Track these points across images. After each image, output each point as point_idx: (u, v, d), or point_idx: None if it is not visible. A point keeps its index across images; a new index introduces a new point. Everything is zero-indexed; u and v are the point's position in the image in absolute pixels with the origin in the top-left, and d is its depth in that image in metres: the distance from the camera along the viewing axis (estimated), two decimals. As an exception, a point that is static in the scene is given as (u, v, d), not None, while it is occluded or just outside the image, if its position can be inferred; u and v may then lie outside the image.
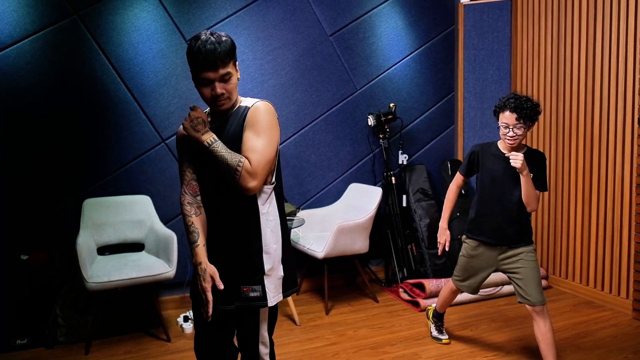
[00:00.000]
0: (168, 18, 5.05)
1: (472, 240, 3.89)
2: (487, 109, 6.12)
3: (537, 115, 3.53)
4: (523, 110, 3.46)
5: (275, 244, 2.53)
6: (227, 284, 2.46)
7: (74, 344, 4.42)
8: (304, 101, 5.65)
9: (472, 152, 3.89)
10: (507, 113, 3.51)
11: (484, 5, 6.07)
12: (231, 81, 2.42)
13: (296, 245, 5.26)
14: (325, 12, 5.67)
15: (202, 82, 2.40)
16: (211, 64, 2.33)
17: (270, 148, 2.43)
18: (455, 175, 4.03)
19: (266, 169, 2.42)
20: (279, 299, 2.56)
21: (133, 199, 4.93)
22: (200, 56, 2.33)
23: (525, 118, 3.47)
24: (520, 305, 5.19)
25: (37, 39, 4.63)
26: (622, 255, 4.92)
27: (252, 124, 2.42)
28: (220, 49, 2.33)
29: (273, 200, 2.56)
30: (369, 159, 6.01)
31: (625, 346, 4.27)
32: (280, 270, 2.56)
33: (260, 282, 2.48)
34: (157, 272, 4.32)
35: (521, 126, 3.49)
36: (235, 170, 2.35)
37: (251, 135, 2.41)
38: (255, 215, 2.48)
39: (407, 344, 4.38)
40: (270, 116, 2.46)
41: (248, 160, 2.37)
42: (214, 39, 2.35)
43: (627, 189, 4.84)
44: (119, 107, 4.93)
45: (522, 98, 3.51)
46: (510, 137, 3.53)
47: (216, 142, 2.40)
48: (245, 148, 2.41)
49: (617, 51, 4.88)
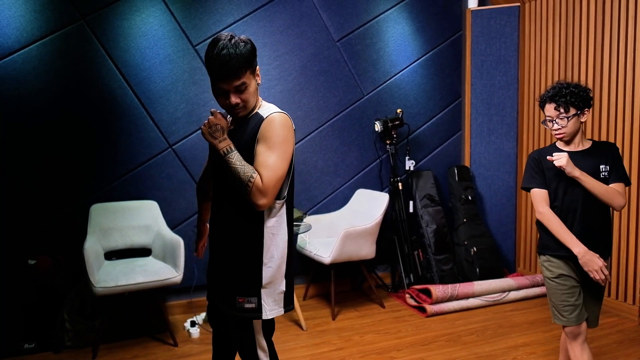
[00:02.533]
0: (175, 23, 5.06)
1: None
2: (495, 114, 6.11)
3: (581, 101, 3.07)
4: (561, 98, 3.07)
5: (279, 259, 2.50)
6: (225, 293, 2.49)
7: (81, 349, 4.43)
8: (310, 107, 5.66)
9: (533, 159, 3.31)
10: (547, 105, 3.14)
11: (491, 11, 6.06)
12: (247, 91, 2.38)
13: (303, 250, 5.26)
14: (332, 17, 5.68)
15: (217, 91, 2.38)
16: (225, 75, 2.29)
17: (283, 164, 2.38)
18: (534, 195, 3.25)
19: (277, 186, 2.37)
20: (278, 313, 2.52)
21: (140, 204, 4.94)
22: (215, 68, 2.30)
23: (566, 105, 3.07)
24: (526, 311, 5.20)
25: (44, 44, 4.64)
26: (628, 261, 4.90)
27: (266, 138, 2.37)
28: (235, 60, 2.28)
29: (282, 214, 2.52)
30: (376, 165, 6.01)
31: (631, 352, 4.26)
32: (282, 285, 2.52)
33: (257, 295, 2.45)
34: (164, 277, 4.32)
35: (564, 116, 3.07)
36: (246, 186, 2.31)
37: (264, 150, 2.36)
38: (259, 229, 2.45)
39: (414, 350, 4.37)
40: (284, 130, 2.41)
41: (260, 176, 2.32)
42: (230, 48, 2.28)
43: (634, 195, 4.82)
44: (126, 112, 4.94)
45: (563, 85, 3.11)
46: (556, 131, 3.14)
47: (231, 152, 2.35)
48: (257, 163, 2.36)
49: (624, 57, 4.87)
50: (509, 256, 6.21)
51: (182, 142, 5.12)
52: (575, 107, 3.07)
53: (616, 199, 3.04)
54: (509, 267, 6.20)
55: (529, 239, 6.09)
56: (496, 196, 6.19)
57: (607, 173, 3.10)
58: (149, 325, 4.86)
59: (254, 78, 2.43)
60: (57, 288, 4.53)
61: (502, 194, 6.16)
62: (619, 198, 3.04)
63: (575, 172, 3.02)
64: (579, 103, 3.07)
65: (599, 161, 3.11)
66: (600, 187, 3.03)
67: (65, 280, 4.60)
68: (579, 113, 3.09)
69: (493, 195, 6.21)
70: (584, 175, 3.03)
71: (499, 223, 6.22)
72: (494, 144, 6.16)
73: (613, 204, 3.05)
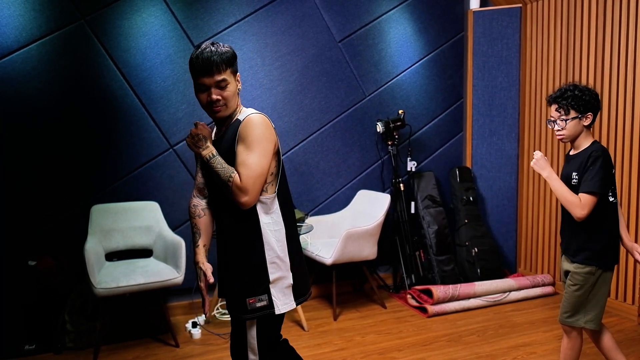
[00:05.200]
0: (176, 23, 5.05)
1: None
2: (496, 116, 6.11)
3: (583, 105, 3.09)
4: (563, 100, 3.11)
5: (282, 253, 2.54)
6: (236, 298, 2.52)
7: (82, 350, 4.42)
8: (312, 107, 5.65)
9: None
10: (552, 106, 3.20)
11: (493, 12, 6.06)
12: (228, 89, 2.46)
13: (305, 251, 5.23)
14: (334, 18, 5.67)
15: (199, 88, 2.48)
16: (207, 69, 2.40)
17: (262, 161, 2.43)
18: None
19: (257, 183, 2.43)
20: (291, 307, 2.56)
21: (141, 205, 4.94)
22: (197, 63, 2.41)
23: (566, 107, 3.11)
24: (526, 311, 5.19)
25: (43, 43, 4.63)
26: (628, 261, 4.90)
27: (244, 138, 2.44)
28: (216, 57, 2.40)
29: (276, 209, 2.56)
30: (378, 166, 6.01)
31: (631, 352, 4.27)
32: (289, 278, 2.56)
33: (267, 291, 2.50)
34: (165, 278, 4.32)
35: (564, 119, 3.12)
36: (226, 186, 2.40)
37: (242, 150, 2.43)
38: (256, 227, 2.50)
39: (415, 350, 4.36)
40: (261, 128, 2.46)
41: (238, 175, 2.39)
42: (212, 48, 2.42)
43: (634, 197, 4.82)
44: (126, 112, 4.93)
45: (569, 87, 3.14)
46: (556, 133, 3.19)
47: (214, 157, 2.46)
48: (237, 162, 2.43)
49: (625, 59, 4.86)
50: (509, 257, 6.21)
51: (183, 142, 5.11)
52: (576, 110, 3.10)
53: (573, 209, 3.09)
54: (509, 268, 6.20)
55: (530, 240, 6.09)
56: (497, 197, 6.19)
57: (577, 181, 3.15)
58: (151, 326, 4.85)
59: (234, 79, 2.52)
60: (58, 289, 4.53)
61: (504, 195, 6.15)
62: (576, 209, 3.08)
63: (543, 172, 3.19)
64: (580, 106, 3.09)
65: (574, 168, 3.18)
66: (561, 194, 3.13)
67: (67, 281, 4.60)
68: (580, 116, 3.11)
69: (494, 197, 6.20)
70: (550, 179, 3.16)
71: (500, 224, 6.21)
72: (495, 145, 6.15)
73: (571, 213, 3.12)
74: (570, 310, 3.31)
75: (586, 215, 3.07)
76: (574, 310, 3.29)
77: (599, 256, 3.18)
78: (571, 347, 3.39)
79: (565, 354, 3.42)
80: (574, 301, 3.27)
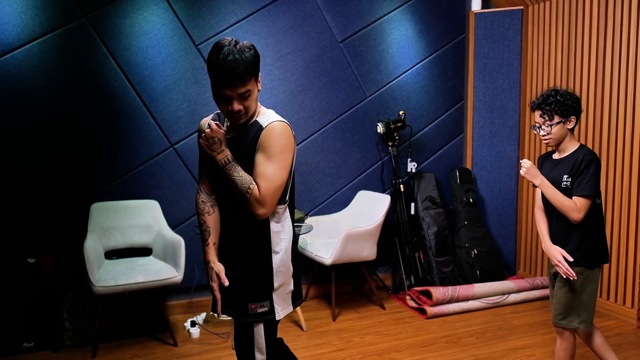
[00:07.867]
0: (178, 22, 5.05)
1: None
2: (497, 117, 6.11)
3: (566, 109, 3.17)
4: (546, 106, 3.19)
5: (288, 261, 2.52)
6: (237, 300, 2.50)
7: (80, 348, 4.42)
8: (313, 108, 5.65)
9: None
10: (535, 112, 3.28)
11: (495, 14, 6.06)
12: (250, 98, 2.35)
13: (304, 251, 5.25)
14: (335, 18, 5.67)
15: (219, 97, 2.33)
16: (230, 82, 2.25)
17: (282, 173, 2.38)
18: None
19: (276, 195, 2.38)
20: (288, 311, 2.56)
21: (141, 203, 4.93)
22: (220, 74, 2.25)
23: (550, 113, 3.18)
24: (526, 313, 5.19)
25: (45, 41, 4.63)
26: (627, 264, 4.90)
27: (265, 148, 2.36)
28: (241, 67, 2.24)
29: (286, 217, 2.54)
30: (378, 167, 6.00)
31: (630, 355, 4.27)
32: (291, 285, 2.56)
33: (269, 298, 2.48)
34: (164, 277, 4.32)
35: (549, 124, 3.20)
36: (244, 196, 2.34)
37: (262, 160, 2.36)
38: (267, 234, 2.47)
39: (413, 351, 4.37)
40: (284, 140, 2.39)
41: (257, 186, 2.33)
42: (236, 54, 2.24)
43: (634, 199, 4.81)
44: (127, 111, 4.93)
45: (551, 93, 3.22)
46: (542, 138, 3.27)
47: (229, 163, 2.36)
48: (255, 172, 2.36)
49: (627, 61, 4.86)
50: (509, 259, 6.21)
51: (183, 141, 5.11)
52: (560, 115, 3.19)
53: (570, 213, 3.16)
54: (509, 270, 6.19)
55: (530, 242, 6.09)
56: (497, 199, 6.19)
57: (569, 184, 3.21)
58: (149, 325, 4.84)
59: (256, 85, 2.40)
60: (57, 287, 4.53)
61: (504, 196, 6.15)
62: (573, 213, 3.15)
63: (536, 181, 3.24)
64: (563, 111, 3.18)
65: (564, 171, 3.24)
66: (556, 199, 3.19)
67: (66, 279, 4.60)
68: (564, 120, 3.21)
69: (494, 198, 6.20)
70: (543, 186, 3.22)
71: (500, 226, 6.21)
72: (495, 147, 6.15)
73: (568, 217, 3.18)
74: (563, 312, 3.35)
75: (582, 217, 3.16)
76: (567, 311, 3.34)
77: (587, 256, 3.26)
78: (565, 348, 3.43)
79: (560, 355, 3.45)
80: (566, 302, 3.32)
